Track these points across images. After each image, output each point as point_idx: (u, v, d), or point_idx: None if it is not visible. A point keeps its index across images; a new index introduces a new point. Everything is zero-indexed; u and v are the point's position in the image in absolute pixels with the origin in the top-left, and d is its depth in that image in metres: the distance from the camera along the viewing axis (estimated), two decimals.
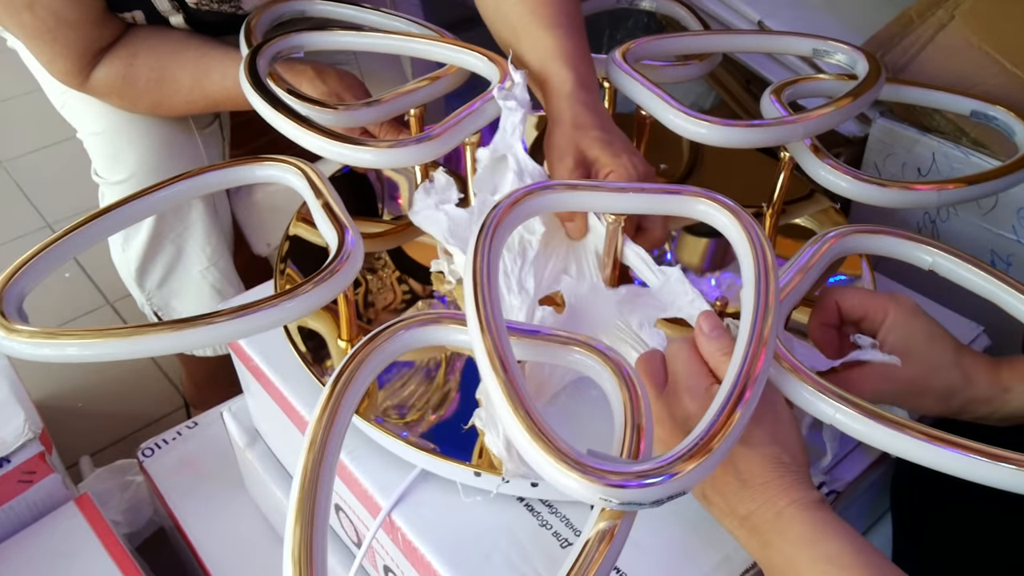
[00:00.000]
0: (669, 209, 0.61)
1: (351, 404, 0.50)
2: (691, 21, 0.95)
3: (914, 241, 0.62)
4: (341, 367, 0.51)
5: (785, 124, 0.69)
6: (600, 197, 0.60)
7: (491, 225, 0.55)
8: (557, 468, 0.41)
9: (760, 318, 0.50)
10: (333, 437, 0.47)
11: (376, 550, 0.64)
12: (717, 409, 0.45)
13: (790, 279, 0.58)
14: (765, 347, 0.48)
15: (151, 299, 1.06)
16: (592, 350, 0.51)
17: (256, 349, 0.71)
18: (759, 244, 0.54)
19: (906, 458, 0.49)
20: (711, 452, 0.43)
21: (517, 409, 0.44)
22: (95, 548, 0.83)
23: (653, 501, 0.41)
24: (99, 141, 0.97)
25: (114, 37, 0.87)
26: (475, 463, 0.57)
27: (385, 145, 0.65)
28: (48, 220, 1.75)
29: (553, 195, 0.59)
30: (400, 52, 0.80)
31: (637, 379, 0.48)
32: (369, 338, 0.53)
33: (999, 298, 0.59)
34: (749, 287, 0.52)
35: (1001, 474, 0.46)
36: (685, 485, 0.42)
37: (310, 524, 0.44)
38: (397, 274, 0.74)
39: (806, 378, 0.51)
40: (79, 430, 1.28)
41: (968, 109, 0.80)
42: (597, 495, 0.41)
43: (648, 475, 0.41)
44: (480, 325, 0.48)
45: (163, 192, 0.64)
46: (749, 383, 0.46)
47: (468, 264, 0.52)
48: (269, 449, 0.82)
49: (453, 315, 0.55)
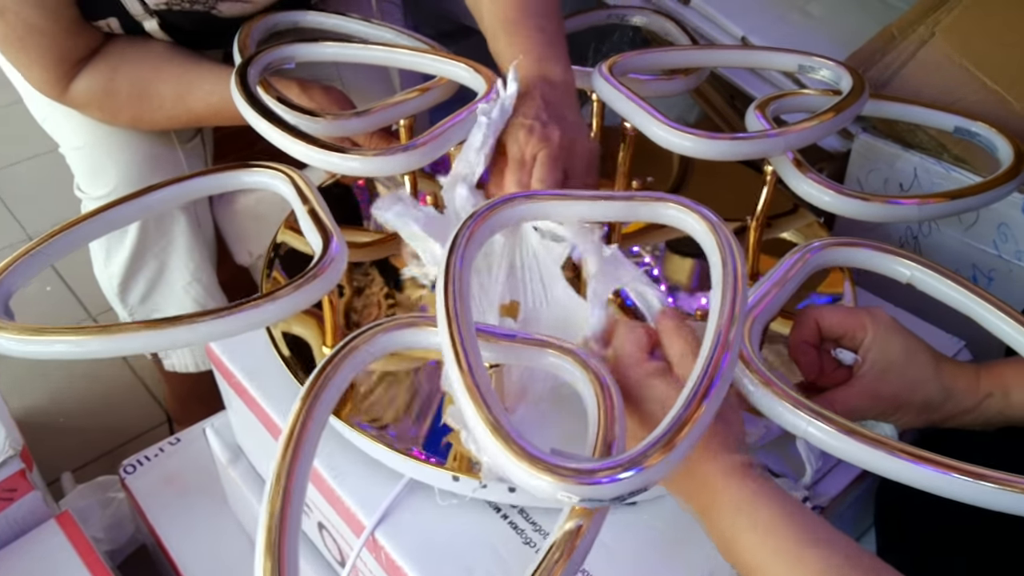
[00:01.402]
0: (639, 215, 0.61)
1: (328, 405, 0.50)
2: (679, 35, 0.96)
3: (892, 254, 0.62)
4: (319, 368, 0.51)
5: (768, 137, 0.69)
6: (573, 206, 0.61)
7: (465, 234, 0.55)
8: (518, 465, 0.41)
9: (728, 313, 0.49)
10: (309, 436, 0.48)
11: (360, 569, 0.64)
12: (682, 404, 0.45)
13: (767, 290, 0.58)
14: (730, 347, 0.48)
15: (134, 315, 1.06)
16: (567, 353, 0.51)
17: (238, 365, 0.70)
18: (727, 242, 0.54)
19: (880, 474, 0.49)
20: (674, 448, 0.42)
21: (480, 407, 0.44)
22: (76, 566, 0.82)
23: (614, 497, 0.41)
24: (81, 155, 0.97)
25: (91, 48, 0.87)
26: (452, 466, 0.57)
27: (372, 154, 0.66)
28: (29, 232, 1.73)
29: (526, 205, 0.60)
30: (390, 64, 0.81)
31: (613, 383, 0.49)
32: (347, 341, 0.53)
33: (976, 313, 0.59)
34: (716, 283, 0.52)
35: (979, 492, 0.46)
36: (646, 480, 0.41)
37: (283, 520, 0.43)
38: (385, 290, 0.74)
39: (781, 393, 0.51)
40: (60, 446, 1.27)
41: (951, 125, 0.81)
42: (557, 491, 0.41)
43: (608, 471, 0.41)
44: (448, 324, 0.48)
45: (151, 196, 0.64)
46: (715, 377, 0.46)
47: (440, 270, 0.52)
48: (252, 466, 0.81)
49: (430, 318, 0.55)
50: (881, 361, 0.57)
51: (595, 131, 0.87)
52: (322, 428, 0.49)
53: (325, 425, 0.50)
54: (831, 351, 0.60)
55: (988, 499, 0.46)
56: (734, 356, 0.48)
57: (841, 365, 0.59)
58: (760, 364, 0.53)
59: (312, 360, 0.67)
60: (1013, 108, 0.85)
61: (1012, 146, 0.76)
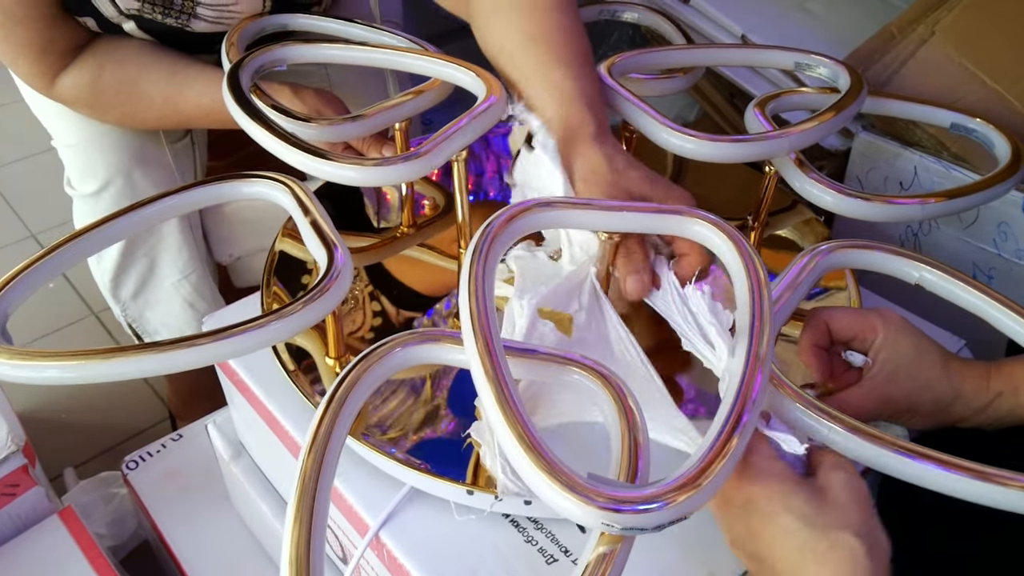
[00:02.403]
0: (664, 228, 0.60)
1: (344, 426, 0.49)
2: (675, 35, 0.96)
3: (901, 256, 0.62)
4: (334, 387, 0.50)
5: (771, 139, 0.69)
6: (597, 215, 0.60)
7: (485, 242, 0.54)
8: (558, 492, 0.41)
9: (755, 344, 0.49)
10: (327, 464, 0.46)
11: (362, 566, 0.64)
12: (715, 434, 0.44)
13: (779, 295, 0.58)
14: (761, 368, 0.48)
15: (126, 311, 1.06)
16: (590, 370, 0.50)
17: (240, 363, 0.70)
18: (754, 268, 0.54)
19: (898, 476, 0.49)
20: (715, 472, 0.42)
21: (516, 430, 0.43)
22: (78, 561, 0.83)
23: (656, 526, 0.41)
24: (72, 152, 0.97)
25: (76, 40, 0.86)
26: (468, 482, 0.57)
27: (371, 163, 0.64)
28: (32, 230, 1.74)
29: (549, 212, 0.59)
30: (384, 65, 0.79)
31: (635, 402, 0.48)
32: (362, 357, 0.52)
33: (986, 312, 0.59)
34: (744, 311, 0.52)
35: (990, 492, 0.47)
36: (686, 510, 0.41)
37: (307, 550, 0.43)
38: (369, 288, 0.74)
39: (797, 397, 0.51)
40: (63, 442, 1.27)
41: (948, 121, 0.81)
42: (599, 520, 0.41)
43: (650, 500, 0.41)
44: (477, 345, 0.47)
45: (148, 210, 0.63)
46: (746, 407, 0.46)
47: (463, 283, 0.51)
48: (254, 462, 0.82)
49: (449, 333, 0.54)
50: (891, 363, 0.57)
51: None
52: (339, 451, 0.48)
53: (343, 447, 0.48)
54: (841, 353, 0.60)
55: (1001, 499, 0.47)
56: (765, 381, 0.48)
57: (851, 367, 0.59)
58: (775, 369, 0.53)
59: (315, 370, 0.66)
60: (1013, 107, 0.85)
61: (1009, 142, 0.76)
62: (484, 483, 0.56)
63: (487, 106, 0.68)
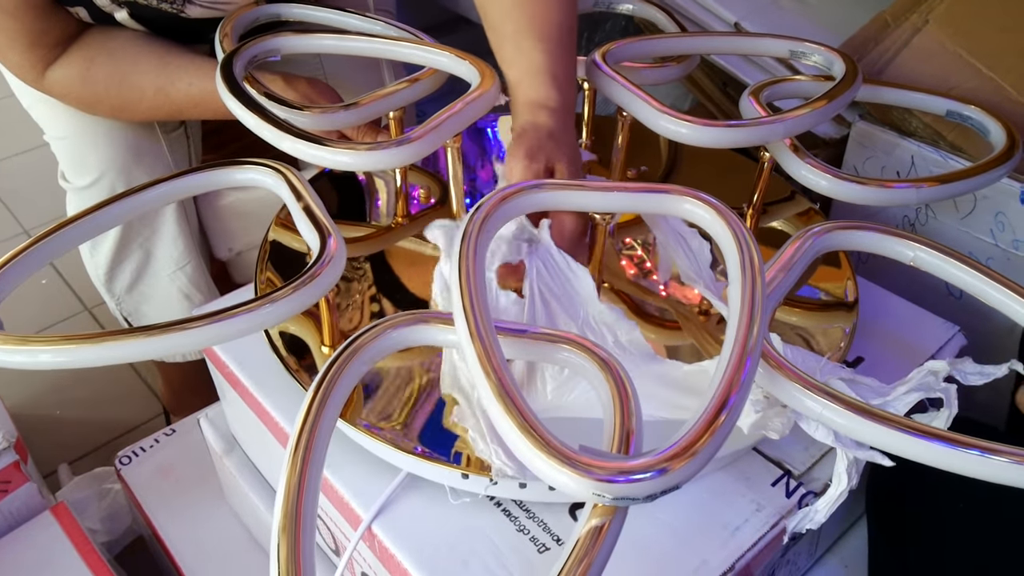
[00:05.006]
0: (654, 207, 0.61)
1: (335, 407, 0.49)
2: (668, 24, 0.95)
3: (896, 236, 0.62)
4: (324, 369, 0.50)
5: (765, 124, 0.69)
6: (586, 196, 0.60)
7: (476, 223, 0.54)
8: (550, 464, 0.41)
9: (746, 324, 0.49)
10: (318, 443, 0.46)
11: (354, 558, 0.64)
12: (706, 410, 0.44)
13: (774, 276, 0.58)
14: (751, 355, 0.48)
15: (121, 304, 1.06)
16: (581, 347, 0.50)
17: (231, 355, 0.70)
18: (745, 244, 0.54)
19: (897, 453, 0.48)
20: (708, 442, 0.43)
21: (508, 406, 0.44)
22: (72, 557, 0.82)
23: (647, 496, 0.41)
24: (64, 145, 0.97)
25: (65, 32, 0.85)
26: (463, 465, 0.57)
27: (364, 148, 0.64)
28: (25, 226, 1.73)
29: (539, 194, 0.59)
30: (379, 55, 0.79)
31: (626, 375, 0.48)
32: (353, 339, 0.52)
33: (980, 291, 0.59)
34: (735, 289, 0.52)
35: (992, 467, 0.46)
36: (679, 479, 0.42)
37: (296, 537, 0.42)
38: (373, 289, 0.73)
39: (793, 376, 0.51)
40: (57, 438, 1.27)
41: (943, 109, 0.81)
42: (590, 490, 0.41)
43: (641, 469, 0.41)
44: (468, 325, 0.48)
45: (140, 197, 0.63)
46: (734, 389, 0.46)
47: (453, 263, 0.52)
48: (247, 456, 0.81)
49: (439, 315, 0.54)
50: None
51: (587, 120, 0.87)
52: (331, 431, 0.48)
53: (334, 428, 0.49)
54: None
55: (1003, 474, 0.46)
56: (756, 359, 0.48)
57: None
58: (772, 349, 0.53)
59: (307, 355, 0.66)
60: (1009, 95, 0.85)
61: (1004, 129, 0.76)
62: (478, 467, 0.56)
63: (481, 93, 0.68)
